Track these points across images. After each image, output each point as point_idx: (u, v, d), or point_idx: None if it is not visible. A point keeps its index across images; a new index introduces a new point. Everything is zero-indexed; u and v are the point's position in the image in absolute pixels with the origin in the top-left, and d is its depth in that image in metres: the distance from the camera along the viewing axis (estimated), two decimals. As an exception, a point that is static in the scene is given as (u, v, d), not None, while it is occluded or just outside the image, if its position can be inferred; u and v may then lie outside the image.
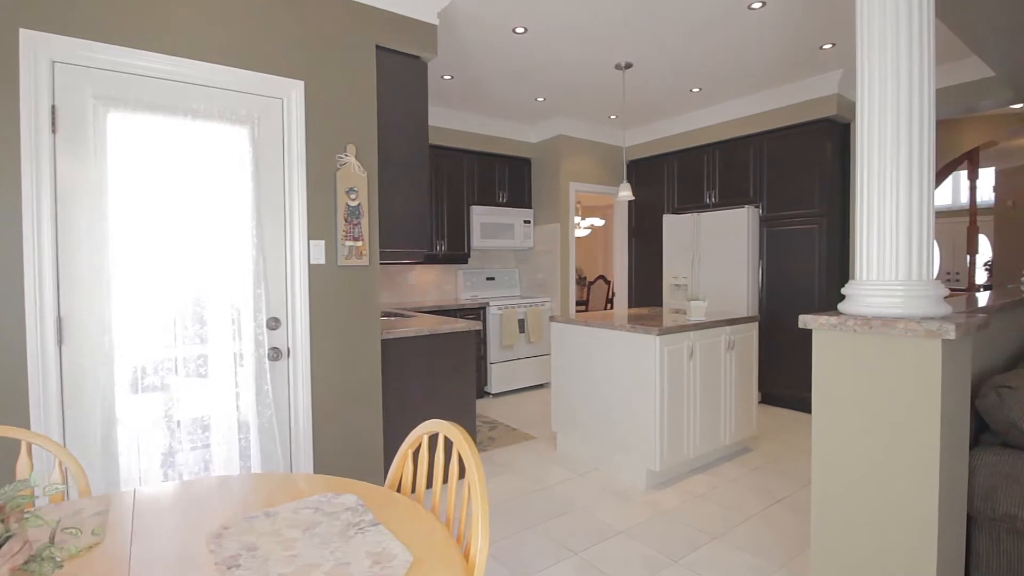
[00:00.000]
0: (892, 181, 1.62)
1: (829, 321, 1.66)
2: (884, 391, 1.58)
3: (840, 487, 1.67)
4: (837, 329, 1.65)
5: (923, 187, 1.61)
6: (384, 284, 4.97)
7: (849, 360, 1.64)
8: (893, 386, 1.56)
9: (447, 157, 5.02)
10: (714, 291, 4.74)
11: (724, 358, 3.26)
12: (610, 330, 3.15)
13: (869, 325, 1.58)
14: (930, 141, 1.65)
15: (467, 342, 3.11)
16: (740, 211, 4.54)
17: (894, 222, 1.61)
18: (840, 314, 1.70)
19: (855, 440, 1.64)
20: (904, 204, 1.60)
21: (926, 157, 1.62)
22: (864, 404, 1.62)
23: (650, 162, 5.58)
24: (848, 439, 1.65)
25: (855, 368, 1.63)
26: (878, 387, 1.59)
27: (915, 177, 1.60)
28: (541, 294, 5.53)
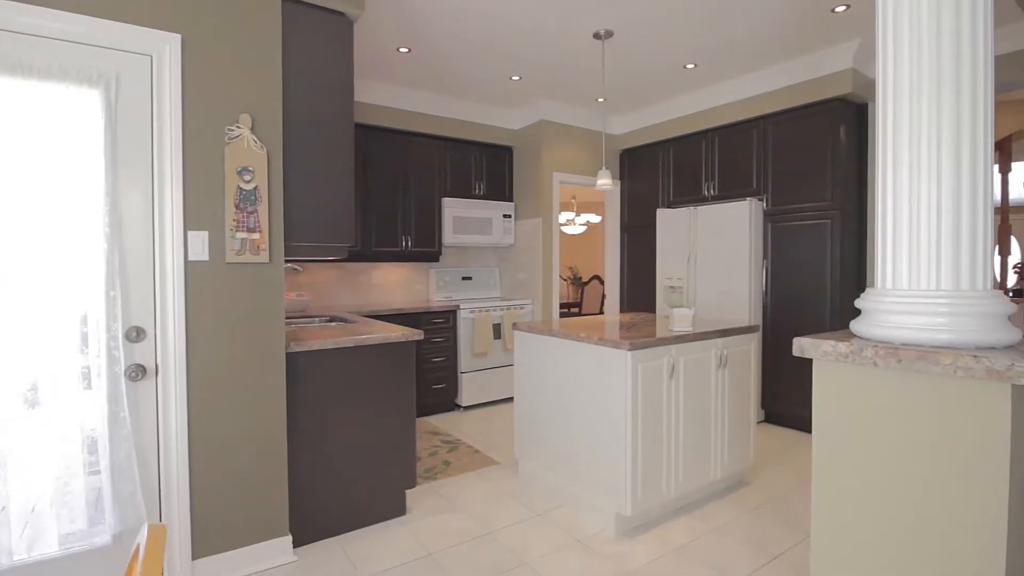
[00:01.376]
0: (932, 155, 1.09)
1: (837, 349, 1.13)
2: (919, 455, 1.05)
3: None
4: (848, 361, 1.12)
5: (977, 164, 1.07)
6: (344, 284, 4.50)
7: (866, 406, 1.12)
8: (932, 449, 1.03)
9: (415, 143, 4.52)
10: (712, 295, 4.19)
11: (715, 377, 2.72)
12: (576, 342, 2.63)
13: (897, 357, 1.05)
14: (987, 98, 1.12)
15: (405, 354, 2.61)
16: (741, 204, 3.99)
17: (932, 210, 1.08)
18: (853, 337, 1.17)
19: (872, 522, 1.11)
20: (950, 186, 1.07)
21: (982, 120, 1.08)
22: (886, 471, 1.09)
23: (643, 151, 5.04)
24: (861, 517, 1.13)
25: (874, 418, 1.11)
26: (909, 448, 1.06)
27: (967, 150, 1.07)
28: (522, 296, 5.01)
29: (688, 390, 2.60)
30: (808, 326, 3.78)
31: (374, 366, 2.52)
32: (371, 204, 4.31)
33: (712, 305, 4.18)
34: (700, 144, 4.51)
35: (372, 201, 4.31)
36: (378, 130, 4.33)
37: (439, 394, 4.36)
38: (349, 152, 2.46)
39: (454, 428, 4.04)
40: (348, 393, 2.44)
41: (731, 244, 4.05)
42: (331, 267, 4.43)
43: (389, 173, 4.39)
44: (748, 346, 2.92)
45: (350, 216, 2.48)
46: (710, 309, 4.19)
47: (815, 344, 1.16)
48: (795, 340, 1.21)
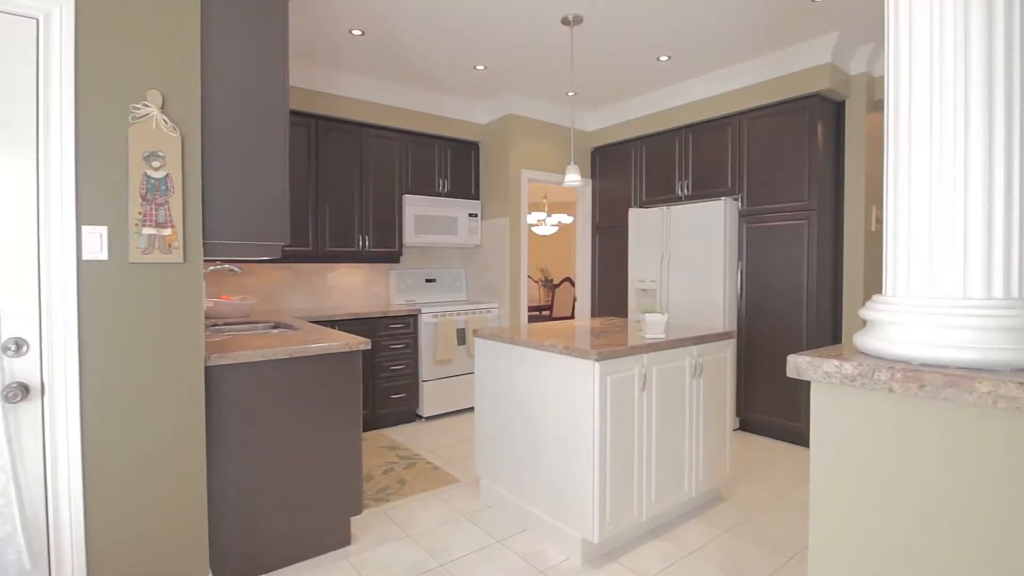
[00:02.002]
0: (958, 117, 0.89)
1: (842, 370, 0.93)
2: (944, 503, 0.85)
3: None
4: (857, 385, 0.91)
5: (1014, 126, 0.88)
6: (295, 287, 4.18)
7: (877, 440, 0.91)
8: (962, 497, 0.83)
9: (373, 136, 4.24)
10: (686, 298, 4.02)
11: (689, 387, 2.53)
12: (540, 351, 2.40)
13: (919, 382, 0.84)
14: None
15: (349, 366, 2.34)
16: (716, 204, 3.83)
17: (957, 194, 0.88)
18: (859, 355, 0.96)
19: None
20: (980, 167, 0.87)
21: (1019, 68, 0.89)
22: (901, 521, 0.89)
23: (615, 149, 4.86)
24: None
25: (888, 455, 0.90)
26: (932, 496, 0.86)
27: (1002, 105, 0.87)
28: (489, 299, 4.77)
29: (661, 402, 2.39)
30: (785, 331, 3.64)
31: (314, 380, 2.24)
32: (324, 201, 4.01)
33: (686, 309, 4.02)
34: (673, 142, 4.35)
35: (325, 197, 4.01)
36: (332, 121, 4.03)
37: (398, 404, 4.09)
38: (282, 138, 2.18)
39: (413, 441, 3.77)
40: (283, 411, 2.16)
41: (705, 245, 3.90)
42: (281, 268, 4.11)
43: (344, 167, 4.10)
44: (724, 353, 2.74)
45: (284, 211, 2.20)
46: (684, 313, 4.03)
47: (815, 364, 0.95)
48: (790, 359, 1.00)
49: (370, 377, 3.94)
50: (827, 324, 3.63)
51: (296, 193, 3.88)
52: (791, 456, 3.44)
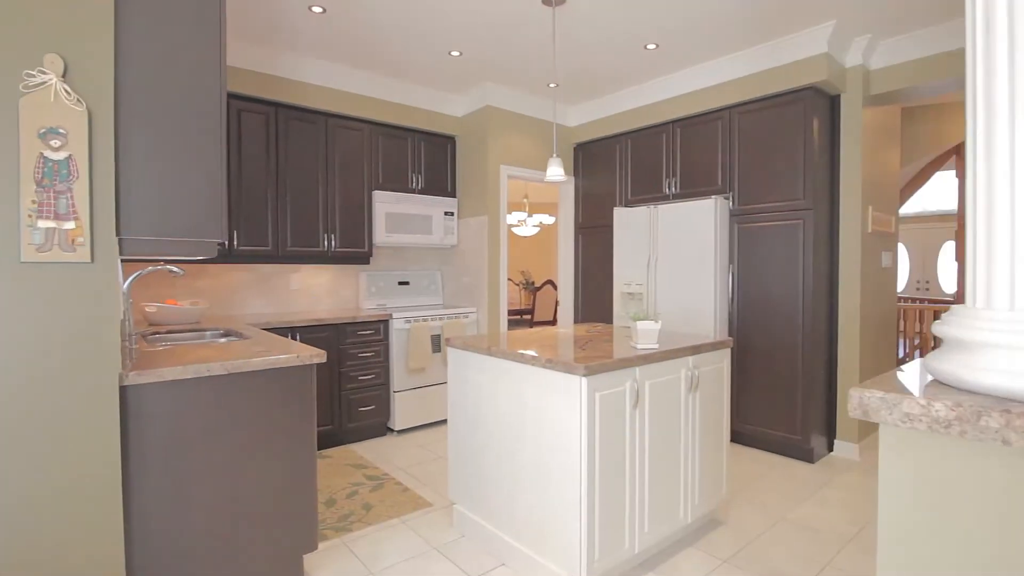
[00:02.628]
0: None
1: (932, 412, 0.68)
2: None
3: None
4: (955, 432, 0.66)
5: None
6: (255, 290, 3.84)
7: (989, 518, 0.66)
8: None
9: (341, 128, 3.93)
10: (674, 303, 3.80)
11: (685, 402, 2.29)
12: (520, 364, 2.13)
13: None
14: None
15: (300, 382, 2.04)
16: (706, 203, 3.62)
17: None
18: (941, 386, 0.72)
19: None
20: None
21: None
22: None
23: (599, 145, 4.63)
24: None
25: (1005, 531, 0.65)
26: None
27: None
28: (466, 303, 4.49)
29: (655, 420, 2.15)
30: (779, 337, 3.44)
31: (259, 398, 1.93)
32: (286, 196, 3.68)
33: (675, 314, 3.79)
34: (661, 137, 4.13)
35: (287, 193, 3.69)
36: (293, 109, 3.71)
37: (367, 417, 3.78)
38: (218, 118, 1.88)
39: (383, 458, 3.46)
40: (221, 437, 1.85)
41: (695, 247, 3.68)
42: (238, 269, 3.77)
43: (308, 160, 3.78)
44: (721, 363, 2.51)
45: (219, 203, 1.89)
46: (672, 319, 3.80)
47: (890, 402, 0.70)
48: (853, 394, 0.75)
49: (336, 388, 3.62)
50: (823, 331, 3.44)
51: (252, 187, 3.55)
52: (787, 472, 3.23)
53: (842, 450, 3.48)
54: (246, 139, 3.51)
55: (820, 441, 3.43)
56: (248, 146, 3.52)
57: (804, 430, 3.35)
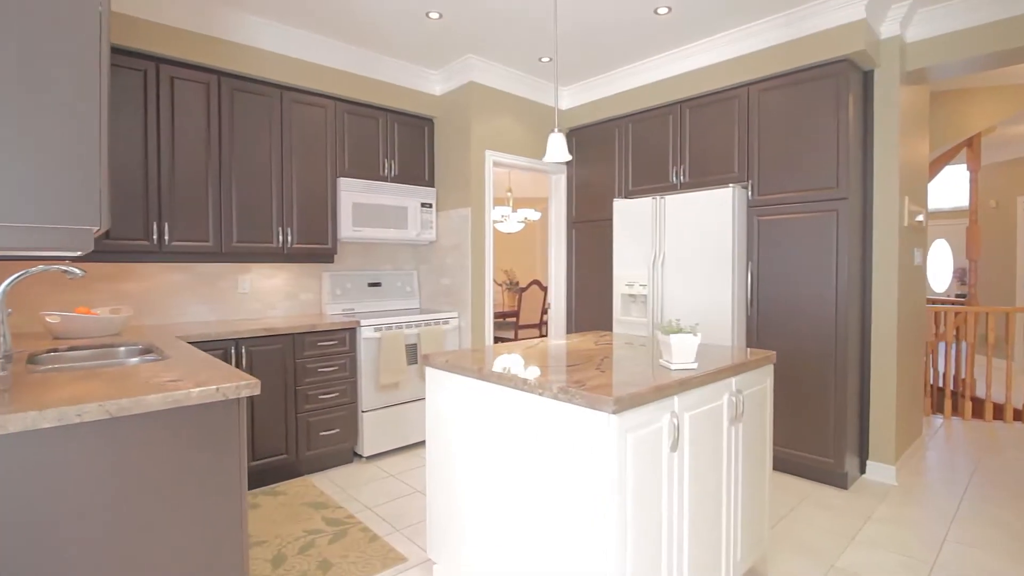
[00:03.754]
0: None
1: None
2: None
3: None
4: None
5: None
6: (196, 293, 3.24)
7: None
8: None
9: (299, 104, 3.36)
10: (684, 305, 3.34)
11: (728, 436, 1.81)
12: (522, 392, 1.62)
13: None
14: None
15: (220, 422, 1.49)
16: (722, 192, 3.16)
17: None
18: None
19: None
20: None
21: None
22: None
23: (596, 130, 4.14)
24: None
25: None
26: None
27: None
28: (447, 307, 3.96)
29: (695, 463, 1.66)
30: (807, 345, 3.00)
31: (160, 446, 1.38)
32: (230, 182, 3.10)
33: (685, 319, 3.33)
34: (667, 119, 3.66)
35: (232, 178, 3.10)
36: (241, 79, 3.13)
37: (331, 443, 3.22)
38: (92, 69, 1.32)
39: (348, 493, 2.91)
40: (104, 501, 1.29)
41: (708, 241, 3.22)
42: (174, 270, 3.17)
43: (259, 140, 3.20)
44: (763, 383, 2.04)
45: (93, 180, 1.34)
46: (682, 325, 3.34)
47: None
48: None
49: (292, 411, 3.05)
50: (856, 337, 3.01)
51: (189, 171, 2.96)
52: (822, 502, 2.79)
53: (877, 473, 3.06)
54: (181, 113, 2.92)
55: (852, 462, 3.01)
56: (184, 121, 2.93)
57: (837, 452, 2.91)
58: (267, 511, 2.69)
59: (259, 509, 2.71)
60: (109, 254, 2.73)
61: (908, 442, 3.34)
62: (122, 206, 2.75)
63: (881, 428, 3.06)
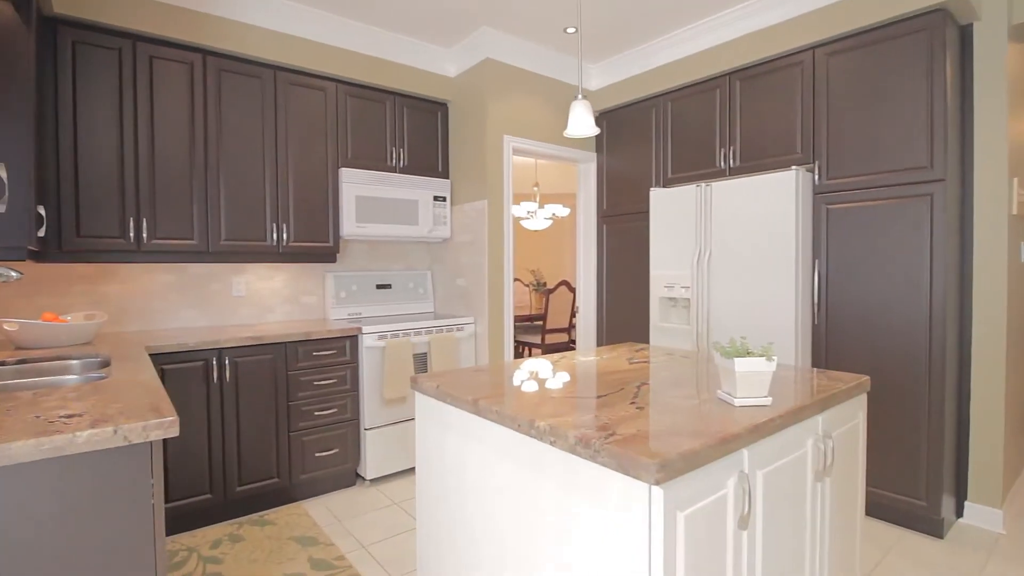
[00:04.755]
0: None
1: None
2: None
3: None
4: None
5: None
6: (184, 296, 2.94)
7: None
8: None
9: (297, 86, 3.02)
10: (735, 310, 2.84)
11: (812, 497, 1.34)
12: (530, 439, 1.19)
13: None
14: None
15: (125, 471, 1.13)
16: (781, 177, 2.66)
17: None
18: None
19: None
20: None
21: None
22: None
23: (629, 112, 3.67)
24: None
25: None
26: None
27: None
28: (462, 311, 3.56)
29: (770, 538, 1.20)
30: (893, 363, 2.46)
31: (38, 508, 1.02)
32: (218, 174, 2.78)
33: (735, 328, 2.83)
34: (714, 95, 3.16)
35: (221, 169, 2.78)
36: (229, 59, 2.81)
37: (329, 464, 2.86)
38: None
39: (344, 524, 2.54)
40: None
41: (765, 235, 2.71)
42: (160, 270, 2.88)
43: (250, 127, 2.87)
44: (856, 418, 1.55)
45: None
46: (732, 335, 2.84)
47: None
48: None
49: (284, 429, 2.71)
50: (954, 352, 2.45)
51: (170, 161, 2.65)
52: (916, 556, 2.26)
53: (978, 517, 2.50)
54: (161, 96, 2.61)
55: (949, 504, 2.46)
56: (164, 105, 2.62)
57: (931, 493, 2.37)
58: (249, 546, 2.35)
59: (241, 544, 2.37)
60: (79, 254, 2.44)
61: (1017, 480, 2.75)
62: (94, 201, 2.45)
63: (984, 463, 2.49)
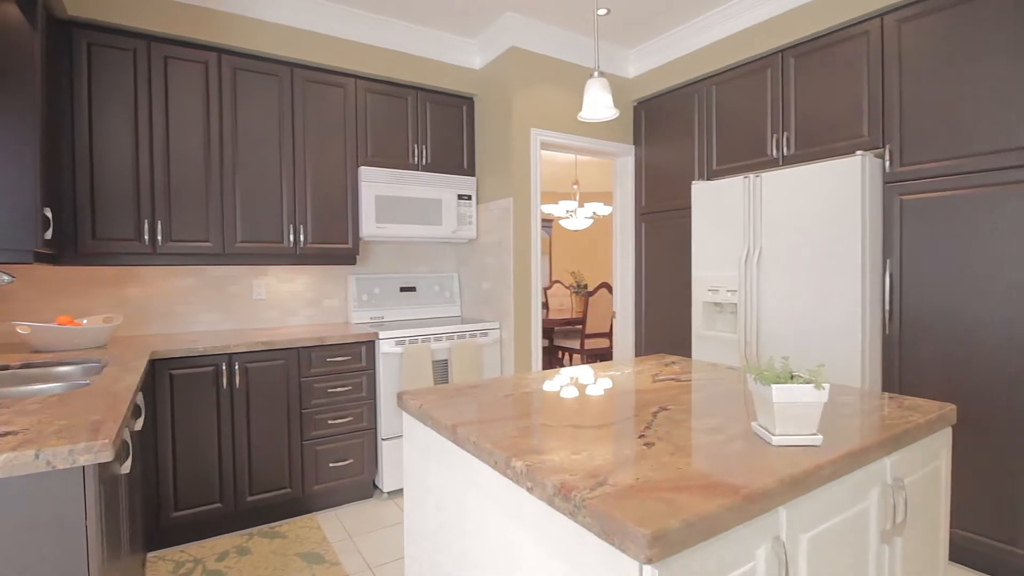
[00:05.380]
0: None
1: None
2: None
3: None
4: None
5: None
6: (205, 298, 2.91)
7: None
8: None
9: (314, 83, 2.92)
10: (789, 318, 2.50)
11: (877, 563, 1.05)
12: (503, 479, 0.97)
13: None
14: None
15: (52, 502, 0.99)
16: (844, 164, 2.30)
17: None
18: None
19: None
20: None
21: None
22: None
23: (669, 100, 3.37)
24: None
25: None
26: None
27: None
28: (489, 315, 3.37)
29: (819, 618, 0.92)
30: (985, 384, 2.06)
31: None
32: (233, 175, 2.72)
33: (789, 339, 2.49)
34: (764, 75, 2.82)
35: (236, 170, 2.72)
36: (244, 57, 2.74)
37: (343, 475, 2.74)
38: None
39: (355, 540, 2.40)
40: None
41: (824, 231, 2.36)
42: (180, 273, 2.85)
43: (265, 127, 2.80)
44: (938, 459, 1.23)
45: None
46: (787, 347, 2.50)
47: None
48: None
49: (296, 438, 2.61)
50: (1065, 369, 2.02)
51: (185, 161, 2.61)
52: (1012, 617, 1.86)
53: (1098, 572, 2.05)
54: (176, 96, 2.57)
55: (1057, 555, 2.02)
56: (179, 105, 2.58)
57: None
58: (255, 560, 2.24)
59: (247, 557, 2.28)
60: (95, 256, 2.43)
61: None
62: (109, 204, 2.43)
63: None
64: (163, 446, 2.30)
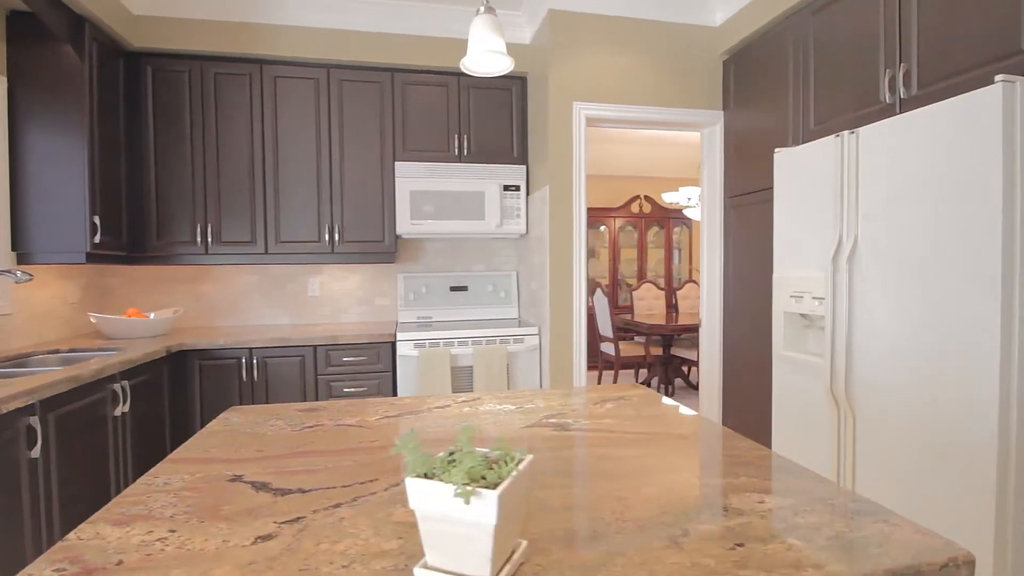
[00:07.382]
0: None
1: None
2: None
3: None
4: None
5: None
6: (263, 295, 3.14)
7: None
8: None
9: (348, 80, 2.93)
10: (897, 335, 1.68)
11: None
12: None
13: None
14: None
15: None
16: (978, 97, 1.43)
17: None
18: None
19: None
20: None
21: None
22: None
23: (760, 46, 2.59)
24: None
25: None
26: None
27: None
28: (535, 319, 3.02)
29: None
30: None
31: None
32: (274, 176, 2.86)
33: (896, 362, 1.67)
34: None
35: (275, 171, 2.86)
36: (281, 65, 2.86)
37: (360, 478, 2.69)
38: None
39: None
40: None
41: (948, 208, 1.51)
42: (243, 272, 3.12)
43: (302, 129, 2.88)
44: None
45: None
46: (889, 375, 1.68)
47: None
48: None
49: (313, 434, 2.64)
50: None
51: (233, 166, 2.82)
52: None
53: None
54: (223, 107, 2.80)
55: None
56: (226, 116, 2.80)
57: None
58: (251, 553, 2.31)
59: (250, 547, 2.36)
60: (159, 257, 2.77)
61: None
62: (170, 209, 2.75)
63: None
64: (191, 426, 2.51)
